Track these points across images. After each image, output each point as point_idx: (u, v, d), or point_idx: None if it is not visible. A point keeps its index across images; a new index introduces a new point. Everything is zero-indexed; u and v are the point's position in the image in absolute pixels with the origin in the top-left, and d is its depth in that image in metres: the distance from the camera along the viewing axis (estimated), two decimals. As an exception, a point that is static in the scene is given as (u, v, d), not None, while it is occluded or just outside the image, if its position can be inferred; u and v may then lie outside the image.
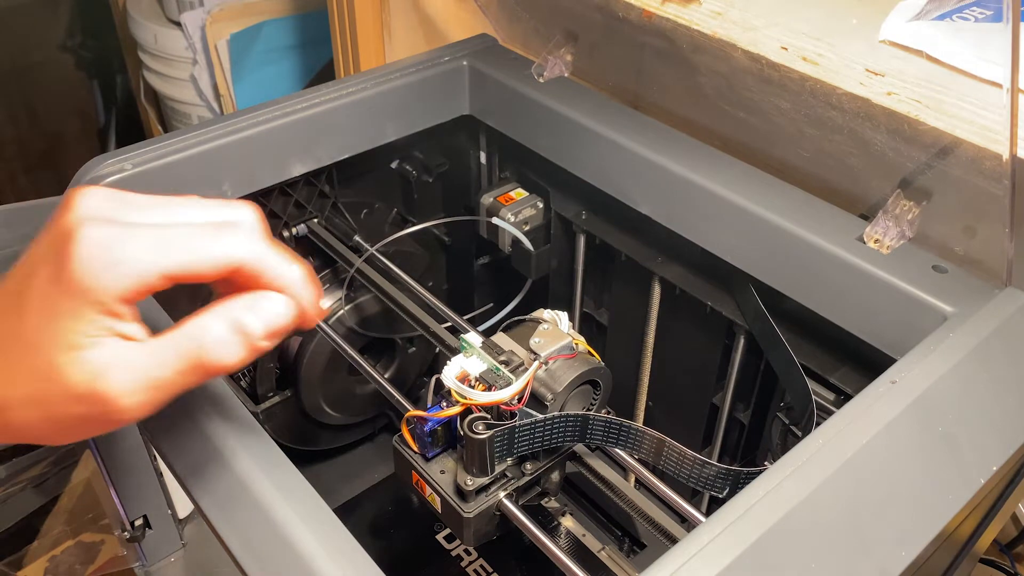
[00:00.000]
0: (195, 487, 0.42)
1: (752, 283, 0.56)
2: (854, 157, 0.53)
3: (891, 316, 0.48)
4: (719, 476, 0.44)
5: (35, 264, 0.32)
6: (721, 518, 0.35)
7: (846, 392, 0.53)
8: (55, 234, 0.32)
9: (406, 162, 0.74)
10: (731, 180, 0.55)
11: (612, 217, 0.66)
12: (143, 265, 0.32)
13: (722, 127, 0.63)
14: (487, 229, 0.72)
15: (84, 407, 0.32)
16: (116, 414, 0.32)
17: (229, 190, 0.60)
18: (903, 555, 0.37)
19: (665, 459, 0.45)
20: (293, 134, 0.61)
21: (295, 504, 0.39)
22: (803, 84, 0.51)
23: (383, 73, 0.66)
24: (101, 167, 0.55)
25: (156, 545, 0.72)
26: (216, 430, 0.42)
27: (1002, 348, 0.45)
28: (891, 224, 0.50)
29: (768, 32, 0.52)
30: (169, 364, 0.33)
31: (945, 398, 0.42)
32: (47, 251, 0.32)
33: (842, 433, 0.39)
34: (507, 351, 0.48)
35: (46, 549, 0.87)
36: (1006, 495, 0.45)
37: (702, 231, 0.57)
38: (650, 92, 0.68)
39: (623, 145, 0.59)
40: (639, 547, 0.75)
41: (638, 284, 0.66)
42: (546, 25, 0.70)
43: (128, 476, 0.67)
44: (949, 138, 0.46)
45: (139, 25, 1.28)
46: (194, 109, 1.31)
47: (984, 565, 0.74)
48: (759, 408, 0.63)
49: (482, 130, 0.73)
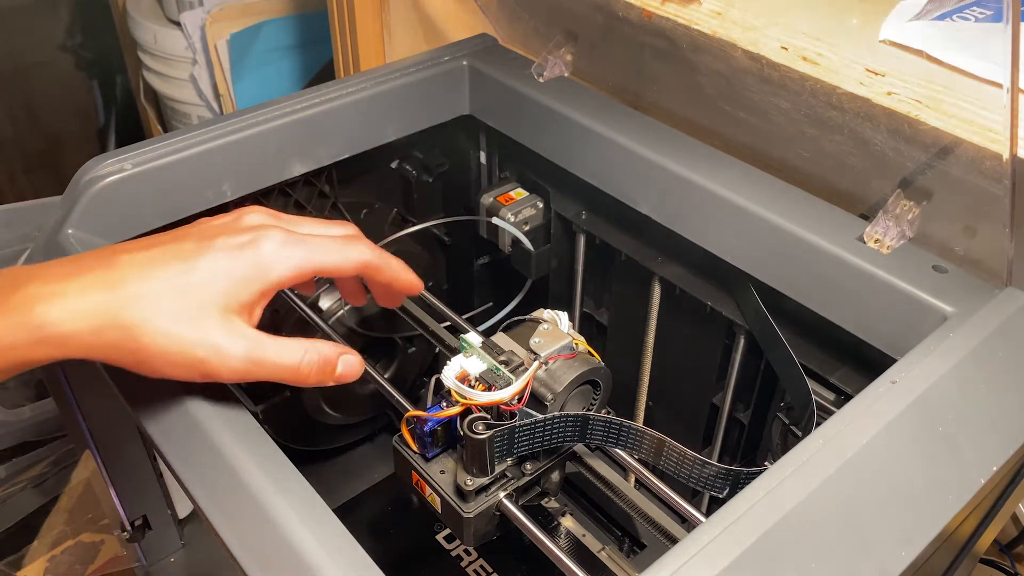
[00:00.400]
0: (195, 487, 0.42)
1: (752, 283, 0.56)
2: (854, 157, 0.53)
3: (891, 316, 0.48)
4: (719, 476, 0.44)
5: (209, 238, 0.42)
6: (721, 518, 0.35)
7: (846, 392, 0.53)
8: (237, 226, 0.43)
9: (406, 162, 0.74)
10: (731, 180, 0.55)
11: (612, 217, 0.66)
12: (305, 260, 0.43)
13: (722, 127, 0.63)
14: (487, 229, 0.72)
15: (203, 353, 0.40)
16: (220, 369, 0.40)
17: (229, 190, 0.60)
18: (903, 555, 0.37)
19: (665, 459, 0.45)
20: (293, 134, 0.61)
21: (295, 504, 0.39)
22: (803, 84, 0.51)
23: (383, 73, 0.66)
24: (101, 167, 0.55)
25: (156, 545, 0.72)
26: (216, 430, 0.42)
27: (1002, 348, 0.45)
28: (891, 224, 0.50)
29: (768, 32, 0.52)
30: (273, 358, 0.42)
31: (945, 398, 0.42)
32: (229, 232, 0.42)
33: (842, 433, 0.39)
34: (507, 351, 0.48)
35: (46, 549, 0.87)
36: (1006, 495, 0.45)
37: (702, 231, 0.57)
38: (650, 92, 0.68)
39: (623, 145, 0.59)
40: (639, 547, 0.75)
41: (638, 284, 0.66)
42: (546, 25, 0.70)
43: (128, 476, 0.67)
44: (949, 138, 0.46)
45: (139, 25, 1.28)
46: (194, 109, 1.31)
47: (984, 565, 0.74)
48: (759, 408, 0.63)
49: (482, 130, 0.73)
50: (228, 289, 0.40)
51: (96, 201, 0.54)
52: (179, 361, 0.40)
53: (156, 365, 0.40)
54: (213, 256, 0.41)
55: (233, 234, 0.42)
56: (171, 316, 0.39)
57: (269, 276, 0.41)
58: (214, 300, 0.40)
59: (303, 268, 0.42)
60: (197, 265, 0.40)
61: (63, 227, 0.54)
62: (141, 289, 0.39)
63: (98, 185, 0.54)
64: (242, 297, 0.41)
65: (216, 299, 0.40)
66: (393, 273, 0.48)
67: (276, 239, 0.42)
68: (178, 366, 0.40)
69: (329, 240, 0.44)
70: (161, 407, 0.45)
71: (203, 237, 0.42)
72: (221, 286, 0.40)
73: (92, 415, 0.62)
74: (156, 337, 0.39)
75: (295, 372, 0.43)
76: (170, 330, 0.39)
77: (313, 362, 0.43)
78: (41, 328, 0.38)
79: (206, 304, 0.40)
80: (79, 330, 0.38)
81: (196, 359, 0.40)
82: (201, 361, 0.40)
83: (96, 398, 0.61)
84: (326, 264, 0.43)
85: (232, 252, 0.41)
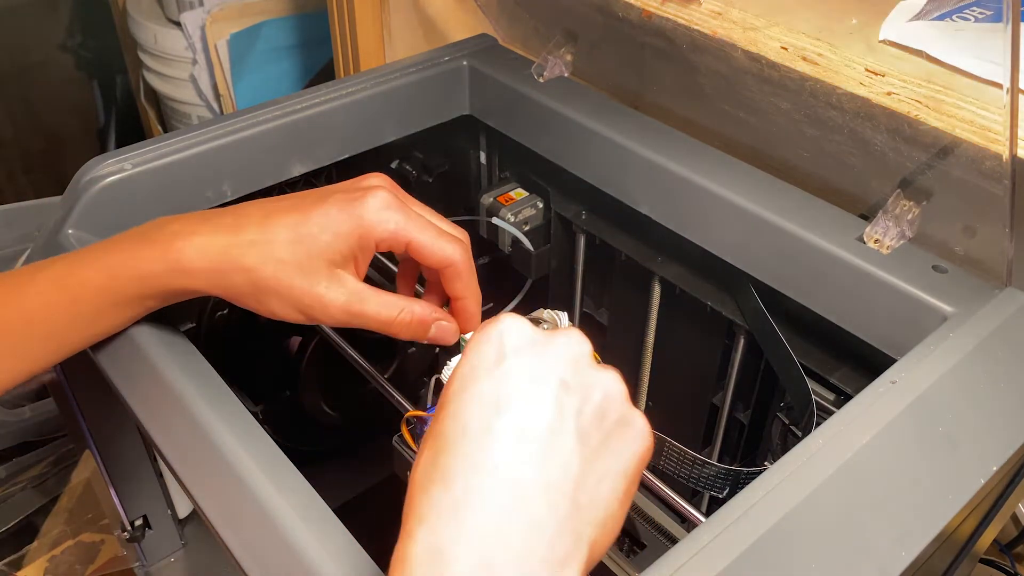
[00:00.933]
0: (195, 487, 0.42)
1: (752, 283, 0.56)
2: (854, 157, 0.53)
3: (891, 316, 0.48)
4: (719, 476, 0.44)
5: (325, 195, 0.45)
6: (721, 518, 0.35)
7: (846, 392, 0.53)
8: (354, 186, 0.45)
9: (406, 162, 0.74)
10: (731, 180, 0.55)
11: (612, 217, 0.66)
12: (402, 227, 0.44)
13: (722, 127, 0.63)
14: (487, 229, 0.72)
15: (308, 300, 0.43)
16: (322, 316, 0.44)
17: (229, 190, 0.60)
18: (903, 555, 0.37)
19: (665, 459, 0.45)
20: (293, 134, 0.61)
21: (295, 504, 0.39)
22: (803, 84, 0.51)
23: (383, 73, 0.66)
24: (101, 167, 0.55)
25: (156, 545, 0.72)
26: (216, 430, 0.42)
27: (1002, 348, 0.45)
28: (891, 224, 0.50)
29: (768, 32, 0.52)
30: (372, 311, 0.45)
31: (945, 398, 0.42)
32: (342, 190, 0.45)
33: (842, 433, 0.39)
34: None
35: (46, 549, 0.87)
36: (1006, 495, 0.45)
37: (702, 231, 0.57)
38: (650, 92, 0.68)
39: (623, 145, 0.59)
40: (639, 547, 0.75)
41: (638, 284, 0.66)
42: (546, 25, 0.70)
43: (128, 476, 0.67)
44: (949, 138, 0.46)
45: (139, 25, 1.28)
46: (194, 109, 1.31)
47: (984, 565, 0.74)
48: (759, 408, 0.63)
49: (482, 130, 0.73)
50: (332, 242, 0.43)
51: (96, 201, 0.54)
52: (288, 304, 0.44)
53: (270, 306, 0.44)
54: (325, 210, 0.44)
55: (346, 191, 0.45)
56: (282, 263, 0.43)
57: (369, 232, 0.44)
58: (321, 251, 0.43)
59: (398, 233, 0.44)
60: (309, 218, 0.43)
61: (63, 227, 0.54)
62: (261, 236, 0.43)
63: (98, 185, 0.54)
64: (344, 250, 0.44)
65: (323, 250, 0.43)
66: (465, 292, 0.48)
67: (381, 199, 0.44)
68: (287, 308, 0.44)
69: (432, 224, 0.46)
70: (161, 407, 0.46)
71: (323, 194, 0.45)
72: (328, 238, 0.43)
73: (92, 415, 0.62)
74: (269, 281, 0.43)
75: (389, 326, 0.46)
76: (280, 276, 0.43)
77: (406, 320, 0.46)
78: (178, 261, 0.43)
79: (314, 255, 0.43)
80: (206, 267, 0.43)
81: (303, 305, 0.44)
82: (307, 307, 0.44)
83: (96, 398, 0.61)
84: (418, 240, 0.45)
85: (342, 206, 0.44)
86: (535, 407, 0.31)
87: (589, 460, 0.31)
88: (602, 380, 0.33)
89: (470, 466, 0.29)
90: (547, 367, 0.32)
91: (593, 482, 0.31)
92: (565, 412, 0.31)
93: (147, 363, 0.46)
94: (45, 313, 0.44)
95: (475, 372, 0.32)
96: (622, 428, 0.32)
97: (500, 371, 0.32)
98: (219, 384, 0.45)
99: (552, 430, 0.31)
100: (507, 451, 0.30)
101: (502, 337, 0.33)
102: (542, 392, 0.31)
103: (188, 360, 0.46)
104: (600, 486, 0.31)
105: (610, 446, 0.32)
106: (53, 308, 0.44)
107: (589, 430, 0.31)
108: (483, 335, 0.33)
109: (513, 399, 0.31)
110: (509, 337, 0.33)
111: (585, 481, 0.30)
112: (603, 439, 0.32)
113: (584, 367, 0.33)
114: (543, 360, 0.32)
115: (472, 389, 0.31)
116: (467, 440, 0.30)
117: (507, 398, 0.31)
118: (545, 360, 0.32)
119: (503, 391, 0.31)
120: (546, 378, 0.32)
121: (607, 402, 0.33)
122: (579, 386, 0.32)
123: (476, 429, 0.30)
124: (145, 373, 0.46)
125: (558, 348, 0.33)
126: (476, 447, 0.30)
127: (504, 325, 0.33)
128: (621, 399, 0.33)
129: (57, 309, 0.44)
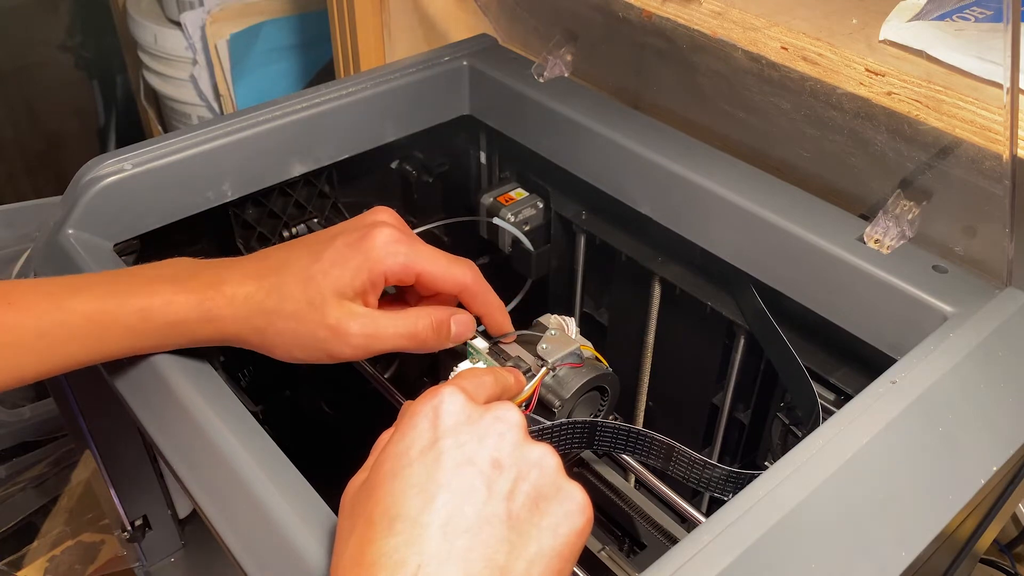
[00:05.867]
0: (195, 487, 0.42)
1: (752, 283, 0.56)
2: (854, 157, 0.53)
3: (891, 316, 0.48)
4: (728, 479, 0.44)
5: (335, 235, 0.46)
6: (721, 518, 0.35)
7: (846, 392, 0.53)
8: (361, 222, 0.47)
9: (406, 162, 0.74)
10: (731, 180, 0.55)
11: (612, 217, 0.66)
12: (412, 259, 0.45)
13: (722, 127, 0.63)
14: (487, 229, 0.72)
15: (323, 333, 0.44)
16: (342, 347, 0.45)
17: (229, 190, 0.60)
18: (903, 555, 0.37)
19: (675, 464, 0.45)
20: (293, 134, 0.61)
21: (295, 504, 0.39)
22: (803, 84, 0.51)
23: (383, 73, 0.66)
24: (101, 167, 0.55)
25: (156, 545, 0.72)
26: (216, 430, 0.42)
27: (1002, 348, 0.45)
28: (891, 224, 0.50)
29: (768, 32, 0.52)
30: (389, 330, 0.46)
31: (945, 398, 0.42)
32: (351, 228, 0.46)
33: (842, 433, 0.39)
34: (514, 357, 0.48)
35: (46, 549, 0.87)
36: (1006, 495, 0.45)
37: (702, 231, 0.57)
38: (650, 92, 0.68)
39: (623, 145, 0.59)
40: (639, 547, 0.75)
41: (638, 284, 0.66)
42: (546, 25, 0.70)
43: (128, 476, 0.67)
44: (949, 138, 0.46)
45: (139, 25, 1.28)
46: (194, 109, 1.31)
47: (984, 565, 0.74)
48: (759, 408, 0.63)
49: (482, 130, 0.73)
50: (342, 276, 0.44)
51: (96, 201, 0.54)
52: (306, 344, 0.45)
53: (289, 349, 0.45)
54: (334, 247, 0.45)
55: (354, 229, 0.46)
56: (297, 302, 0.44)
57: (377, 266, 0.45)
58: (332, 287, 0.44)
59: (408, 265, 0.45)
60: (320, 256, 0.45)
61: (63, 227, 0.54)
62: (278, 280, 0.45)
63: (98, 185, 0.54)
64: (355, 284, 0.45)
65: (333, 285, 0.44)
66: (488, 307, 0.49)
67: (388, 234, 0.45)
68: (306, 348, 0.45)
69: (438, 252, 0.47)
70: (161, 407, 0.46)
71: (333, 233, 0.47)
72: (337, 274, 0.44)
73: (92, 415, 0.62)
74: (288, 321, 0.44)
75: (413, 339, 0.46)
76: (296, 314, 0.44)
77: (427, 326, 0.47)
78: (210, 311, 0.44)
79: (324, 290, 0.44)
80: (232, 315, 0.44)
81: (318, 339, 0.44)
82: (323, 341, 0.44)
83: (96, 398, 0.61)
84: (429, 270, 0.46)
85: (349, 243, 0.45)
86: (464, 496, 0.31)
87: (519, 546, 0.31)
88: (537, 455, 0.34)
89: (395, 564, 0.30)
90: (481, 447, 0.33)
91: (522, 568, 0.31)
92: (495, 496, 0.32)
93: (147, 363, 0.46)
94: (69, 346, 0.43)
95: (408, 454, 0.33)
96: (559, 504, 0.33)
97: (432, 454, 0.33)
98: (219, 384, 0.45)
99: (481, 518, 0.31)
100: (432, 546, 0.30)
101: (438, 413, 0.34)
102: (472, 479, 0.32)
103: (188, 360, 0.46)
104: (531, 570, 0.31)
105: (545, 524, 0.32)
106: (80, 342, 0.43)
107: (521, 512, 0.32)
108: (420, 409, 0.34)
109: (442, 488, 0.31)
110: (445, 415, 0.34)
111: (513, 568, 0.31)
112: (538, 518, 0.32)
113: (519, 443, 0.34)
114: (477, 439, 0.33)
115: (403, 474, 0.32)
116: (394, 535, 0.30)
117: (436, 487, 0.31)
118: (479, 439, 0.33)
119: (433, 478, 0.32)
120: (478, 460, 0.32)
121: (543, 478, 0.33)
122: (513, 465, 0.33)
123: (405, 520, 0.31)
124: (145, 373, 0.46)
125: (493, 425, 0.34)
126: (403, 541, 0.30)
127: (439, 399, 0.34)
128: (557, 473, 0.34)
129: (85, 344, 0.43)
